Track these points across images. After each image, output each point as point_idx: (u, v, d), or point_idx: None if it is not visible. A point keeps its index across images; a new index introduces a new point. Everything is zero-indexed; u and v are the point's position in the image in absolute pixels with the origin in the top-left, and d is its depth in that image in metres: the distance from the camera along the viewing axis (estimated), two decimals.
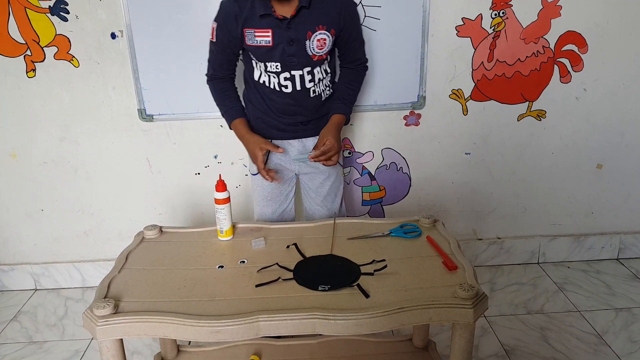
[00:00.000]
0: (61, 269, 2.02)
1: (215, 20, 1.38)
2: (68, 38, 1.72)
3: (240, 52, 1.43)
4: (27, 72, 1.76)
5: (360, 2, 1.69)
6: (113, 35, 1.72)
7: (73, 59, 1.75)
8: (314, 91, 1.43)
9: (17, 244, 2.00)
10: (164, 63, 1.73)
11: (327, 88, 1.47)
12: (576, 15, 1.77)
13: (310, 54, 1.35)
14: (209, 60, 1.47)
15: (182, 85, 1.76)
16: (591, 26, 1.79)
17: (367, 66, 1.53)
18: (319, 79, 1.42)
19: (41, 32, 1.71)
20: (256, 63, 1.40)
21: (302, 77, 1.39)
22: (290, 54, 1.34)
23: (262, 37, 1.33)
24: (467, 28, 1.77)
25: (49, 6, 1.68)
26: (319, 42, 1.34)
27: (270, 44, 1.33)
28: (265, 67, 1.39)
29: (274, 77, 1.39)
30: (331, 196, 1.57)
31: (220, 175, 1.31)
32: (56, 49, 1.73)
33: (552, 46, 1.81)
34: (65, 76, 1.76)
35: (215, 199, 1.27)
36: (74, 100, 1.80)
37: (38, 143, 1.85)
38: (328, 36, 1.34)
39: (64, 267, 2.02)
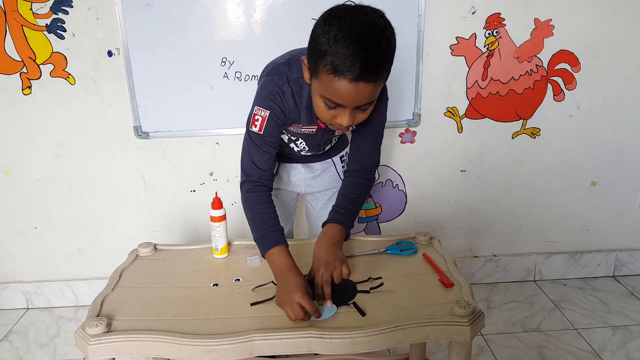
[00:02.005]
0: (54, 288, 1.99)
1: (264, 106, 1.14)
2: (64, 56, 1.73)
3: None
4: (22, 89, 1.76)
5: None
6: (110, 53, 1.73)
7: (69, 76, 1.75)
8: (331, 146, 1.40)
9: (10, 262, 1.97)
10: (160, 80, 1.74)
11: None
12: (568, 35, 1.80)
13: (336, 134, 1.32)
14: (245, 160, 1.20)
15: (178, 103, 1.77)
16: (583, 45, 1.82)
17: (369, 172, 1.27)
18: (337, 139, 1.39)
19: (38, 49, 1.72)
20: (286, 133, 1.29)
21: (323, 148, 1.37)
22: (319, 142, 1.29)
23: (308, 130, 1.23)
24: (461, 47, 1.80)
25: (46, 24, 1.69)
26: (345, 128, 1.18)
27: (314, 133, 1.25)
28: (294, 139, 1.29)
29: (297, 147, 1.33)
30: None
31: (216, 192, 1.30)
32: (52, 67, 1.74)
33: (545, 65, 1.83)
34: (61, 93, 1.77)
35: (211, 217, 1.26)
36: (70, 117, 1.80)
37: (33, 160, 1.84)
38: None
39: (57, 285, 1.99)
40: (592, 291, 2.00)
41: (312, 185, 1.47)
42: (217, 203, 1.26)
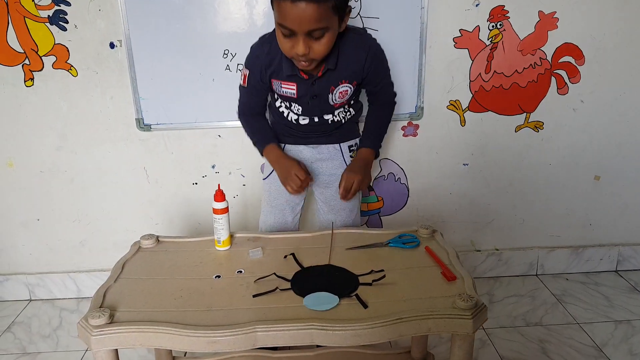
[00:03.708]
0: (56, 279, 2.00)
1: (246, 67, 1.39)
2: (67, 47, 1.72)
3: None
4: (25, 81, 1.76)
5: (358, 13, 1.70)
6: (112, 45, 1.73)
7: (71, 68, 1.75)
8: (332, 120, 1.44)
9: (12, 253, 1.98)
10: (162, 73, 1.74)
11: (348, 113, 1.46)
12: (573, 28, 1.79)
13: (332, 103, 1.38)
14: (240, 101, 1.48)
15: (180, 95, 1.77)
16: (588, 38, 1.81)
17: (394, 101, 1.51)
18: (338, 113, 1.44)
19: (40, 41, 1.71)
20: (279, 99, 1.43)
21: (320, 117, 1.42)
22: (313, 105, 1.38)
23: (288, 89, 1.36)
24: (464, 40, 1.79)
25: (48, 15, 1.68)
26: (340, 93, 1.36)
27: (295, 96, 1.36)
28: (288, 105, 1.41)
29: (294, 115, 1.42)
30: (346, 211, 1.53)
31: (219, 185, 1.30)
32: (55, 58, 1.73)
33: (549, 58, 1.82)
34: (63, 85, 1.76)
35: (214, 209, 1.26)
36: (72, 109, 1.80)
37: (35, 152, 1.84)
38: (350, 88, 1.36)
39: (59, 277, 2.00)
40: (595, 285, 2.00)
41: (318, 168, 1.49)
42: (219, 195, 1.26)
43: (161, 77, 1.74)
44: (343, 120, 1.46)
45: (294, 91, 1.35)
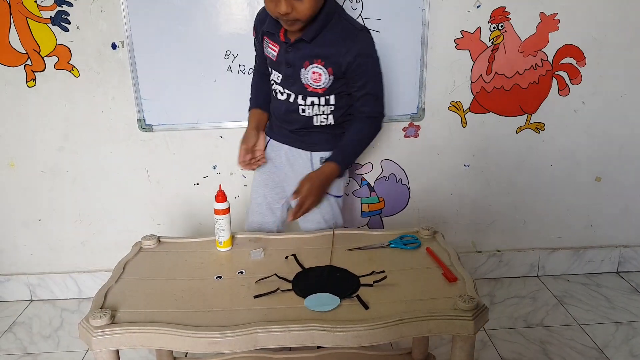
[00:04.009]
0: (57, 280, 2.00)
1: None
2: (69, 48, 1.73)
3: None
4: (27, 82, 1.76)
5: (360, 14, 1.70)
6: (114, 46, 1.73)
7: (73, 68, 1.75)
8: (304, 110, 1.40)
9: (14, 254, 1.98)
10: (164, 73, 1.74)
11: (323, 115, 1.40)
12: (574, 29, 1.79)
13: (304, 82, 1.34)
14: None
15: (182, 96, 1.77)
16: (589, 40, 1.81)
17: (379, 123, 1.42)
18: (312, 103, 1.38)
19: (42, 42, 1.71)
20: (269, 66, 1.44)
21: (290, 95, 1.40)
22: (287, 75, 1.37)
23: (271, 49, 1.37)
24: (466, 41, 1.79)
25: (51, 16, 1.69)
26: (314, 74, 1.32)
27: (275, 59, 1.37)
28: (271, 71, 1.42)
29: (275, 85, 1.42)
30: (315, 221, 1.47)
31: (220, 185, 1.30)
32: (57, 59, 1.74)
33: (550, 59, 1.82)
34: (65, 86, 1.77)
35: (215, 210, 1.26)
36: (74, 110, 1.80)
37: (37, 152, 1.85)
38: (324, 72, 1.31)
39: (60, 277, 2.00)
40: (596, 287, 2.00)
41: (289, 172, 1.47)
42: (221, 196, 1.26)
43: (163, 77, 1.74)
44: (317, 121, 1.41)
45: (275, 53, 1.36)
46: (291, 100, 1.40)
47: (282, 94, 1.41)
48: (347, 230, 1.38)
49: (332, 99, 1.37)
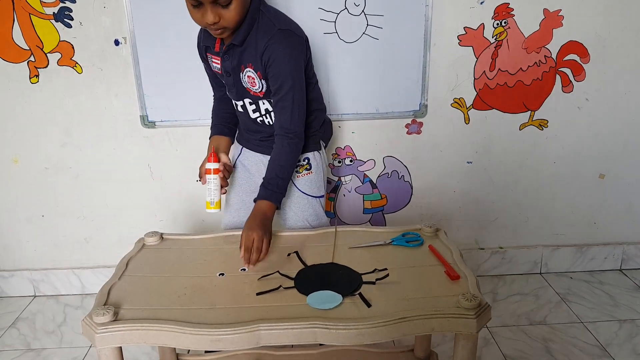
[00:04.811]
0: (60, 276, 2.01)
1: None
2: (72, 44, 1.73)
3: None
4: (30, 78, 1.76)
5: (362, 11, 1.70)
6: (117, 42, 1.73)
7: (76, 65, 1.75)
8: (262, 121, 1.39)
9: (17, 249, 1.99)
10: (167, 70, 1.74)
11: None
12: (578, 26, 1.78)
13: (246, 87, 1.33)
14: None
15: (185, 92, 1.77)
16: (593, 36, 1.79)
17: (292, 140, 1.29)
18: (267, 110, 1.37)
19: (45, 38, 1.71)
20: None
21: (243, 106, 1.39)
22: (229, 84, 1.36)
23: (215, 64, 1.36)
24: (469, 37, 1.78)
25: (54, 12, 1.68)
26: (249, 78, 1.30)
27: (220, 72, 1.36)
28: (225, 87, 1.42)
29: (231, 98, 1.43)
30: (307, 225, 1.45)
31: (213, 147, 1.36)
32: (60, 55, 1.74)
33: (554, 56, 1.81)
34: (68, 82, 1.77)
35: (207, 169, 1.31)
36: (77, 106, 1.80)
37: (40, 148, 1.85)
38: (256, 76, 1.29)
39: (64, 273, 2.01)
40: (599, 284, 1.99)
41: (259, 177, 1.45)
42: (213, 157, 1.32)
43: (166, 74, 1.74)
44: (270, 122, 1.39)
45: (219, 66, 1.34)
46: (247, 109, 1.39)
47: (237, 105, 1.41)
48: (350, 227, 1.38)
49: None
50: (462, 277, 1.10)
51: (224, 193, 1.39)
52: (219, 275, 1.15)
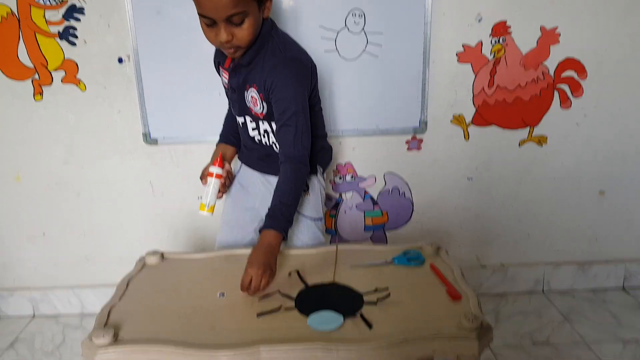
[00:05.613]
0: (60, 295, 2.00)
1: None
2: (76, 62, 1.74)
3: None
4: (34, 96, 1.78)
5: (362, 28, 1.72)
6: (120, 60, 1.74)
7: (80, 82, 1.77)
8: (260, 140, 1.41)
9: (17, 268, 1.98)
10: (169, 87, 1.76)
11: (275, 144, 1.38)
12: (575, 42, 1.80)
13: (248, 105, 1.35)
14: None
15: (187, 109, 1.78)
16: (590, 53, 1.81)
17: (297, 165, 1.28)
18: (265, 131, 1.38)
19: (50, 56, 1.73)
20: None
21: (244, 123, 1.41)
22: (233, 99, 1.39)
23: (224, 79, 1.39)
24: (467, 54, 1.79)
25: (59, 31, 1.71)
26: (252, 99, 1.32)
27: (227, 86, 1.39)
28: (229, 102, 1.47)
29: (232, 112, 1.46)
30: (297, 244, 1.46)
31: (220, 154, 1.41)
32: (64, 73, 1.75)
33: (551, 72, 1.83)
34: (71, 99, 1.78)
35: (209, 172, 1.35)
36: (80, 123, 1.81)
37: (42, 166, 1.86)
38: (258, 97, 1.30)
39: (63, 292, 2.00)
40: (602, 303, 1.98)
41: (262, 192, 1.46)
42: (219, 161, 1.37)
43: (168, 91, 1.76)
44: (268, 143, 1.40)
45: (227, 80, 1.37)
46: (247, 126, 1.41)
47: (238, 120, 1.43)
48: (351, 246, 1.37)
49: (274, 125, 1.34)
50: (464, 296, 1.09)
51: (220, 197, 1.42)
52: (220, 295, 1.15)
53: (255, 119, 1.37)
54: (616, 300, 1.99)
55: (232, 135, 1.51)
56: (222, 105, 1.76)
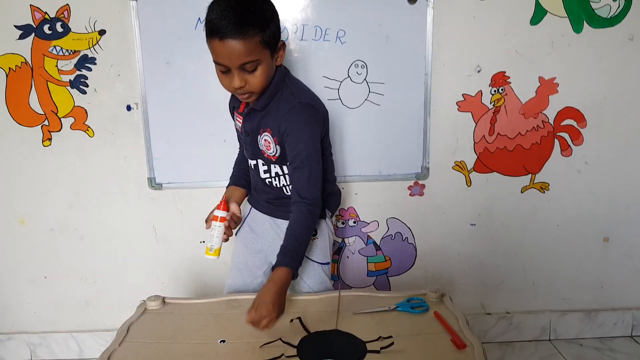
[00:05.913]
0: (59, 339, 1.97)
1: None
2: (85, 110, 1.80)
3: None
4: (43, 141, 1.82)
5: (364, 79, 1.77)
6: (128, 108, 1.80)
7: (88, 129, 1.81)
8: (271, 182, 1.43)
9: (17, 312, 1.96)
10: (175, 133, 1.80)
11: (287, 186, 1.41)
12: (573, 92, 1.84)
13: (261, 149, 1.38)
14: None
15: (192, 155, 1.81)
16: (588, 102, 1.85)
17: (309, 206, 1.29)
18: (276, 173, 1.41)
19: (60, 103, 1.79)
20: None
21: (256, 165, 1.43)
22: (246, 142, 1.42)
23: (238, 122, 1.43)
24: (467, 103, 1.84)
25: (70, 80, 1.77)
26: (265, 142, 1.35)
27: (240, 130, 1.42)
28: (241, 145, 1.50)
29: (246, 156, 1.48)
30: (304, 289, 1.46)
31: (224, 196, 1.38)
32: (73, 120, 1.80)
33: (551, 121, 1.86)
34: (79, 145, 1.82)
35: (214, 216, 1.33)
36: (86, 168, 1.84)
37: (47, 209, 1.87)
38: (272, 141, 1.33)
39: (62, 337, 1.97)
40: (610, 352, 1.93)
41: (271, 235, 1.47)
42: (223, 205, 1.35)
43: (174, 137, 1.80)
44: (287, 191, 1.41)
45: (241, 124, 1.40)
46: (259, 169, 1.43)
47: (250, 163, 1.45)
48: (354, 292, 1.36)
49: (286, 168, 1.38)
50: (469, 345, 1.08)
51: (225, 240, 1.39)
52: (220, 342, 1.13)
53: (268, 161, 1.40)
54: (624, 349, 1.94)
55: (242, 177, 1.53)
56: (225, 151, 1.80)
